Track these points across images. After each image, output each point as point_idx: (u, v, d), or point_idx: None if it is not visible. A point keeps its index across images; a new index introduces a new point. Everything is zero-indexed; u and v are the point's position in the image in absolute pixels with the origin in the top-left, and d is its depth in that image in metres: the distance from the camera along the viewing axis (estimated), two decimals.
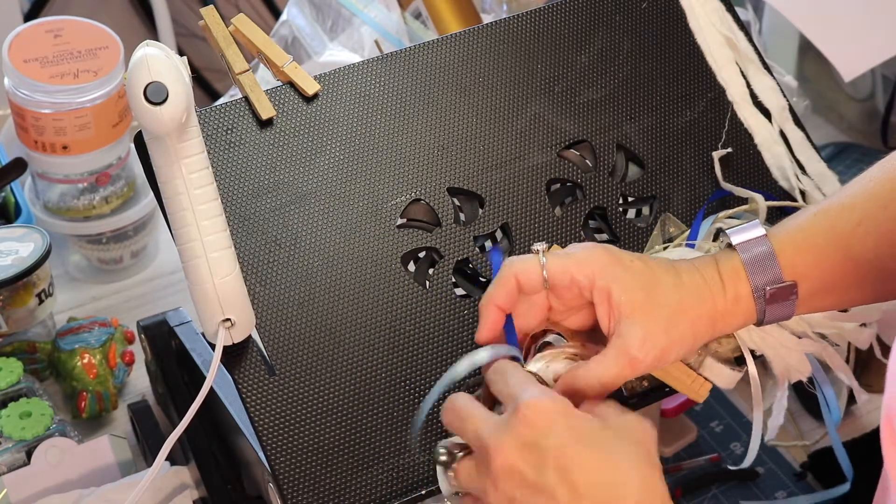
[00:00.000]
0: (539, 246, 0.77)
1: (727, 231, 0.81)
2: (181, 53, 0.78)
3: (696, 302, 0.78)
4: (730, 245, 0.80)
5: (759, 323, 0.80)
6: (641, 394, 0.86)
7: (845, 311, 0.89)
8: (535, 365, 0.77)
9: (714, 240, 0.90)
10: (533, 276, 0.77)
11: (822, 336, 0.89)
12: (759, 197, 0.93)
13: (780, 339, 0.86)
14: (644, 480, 0.69)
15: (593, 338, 0.80)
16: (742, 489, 1.03)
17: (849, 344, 1.07)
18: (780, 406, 0.90)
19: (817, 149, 0.99)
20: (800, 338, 0.87)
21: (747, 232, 0.80)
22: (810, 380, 0.89)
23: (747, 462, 0.90)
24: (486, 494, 0.71)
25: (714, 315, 0.78)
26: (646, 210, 0.94)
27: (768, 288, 0.78)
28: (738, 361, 0.86)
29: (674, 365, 0.83)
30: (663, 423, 1.05)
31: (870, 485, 1.00)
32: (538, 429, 0.69)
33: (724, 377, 0.85)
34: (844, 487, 0.95)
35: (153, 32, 2.39)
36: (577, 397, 0.74)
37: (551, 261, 0.77)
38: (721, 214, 0.91)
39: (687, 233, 0.91)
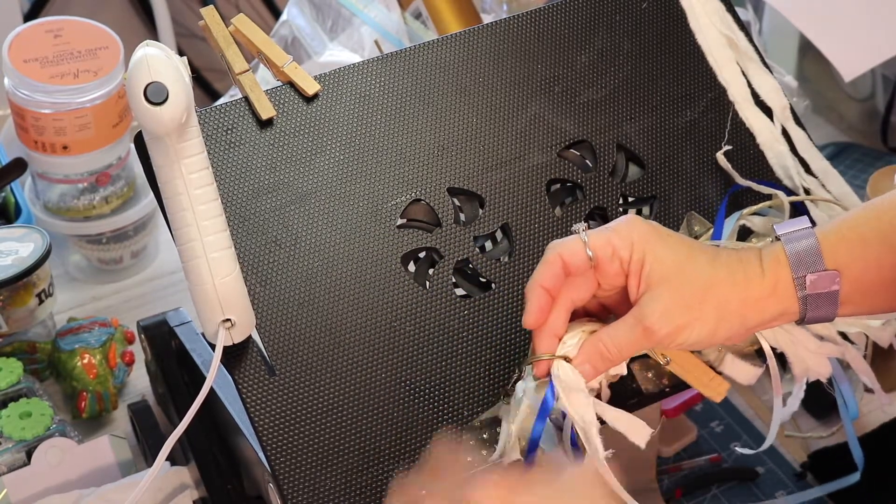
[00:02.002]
0: (580, 226, 0.78)
1: (774, 225, 0.80)
2: (181, 53, 0.78)
3: (727, 283, 0.77)
4: (776, 238, 0.79)
5: (801, 319, 0.79)
6: (656, 394, 0.86)
7: None
8: (568, 342, 0.78)
9: (739, 238, 0.90)
10: (577, 255, 0.77)
11: (843, 335, 0.88)
12: (780, 193, 0.92)
13: (803, 340, 0.85)
14: None
15: None
16: (742, 489, 1.03)
17: (866, 341, 1.07)
18: (797, 398, 0.89)
19: (819, 148, 0.99)
20: (822, 339, 0.87)
21: (793, 224, 0.79)
22: (829, 380, 0.89)
23: (766, 445, 0.90)
24: None
25: (745, 300, 0.77)
26: (646, 210, 0.94)
27: (809, 275, 0.77)
28: (758, 354, 0.86)
29: (692, 362, 0.83)
30: (663, 423, 1.05)
31: (871, 483, 1.00)
32: None
33: (745, 373, 0.84)
34: (855, 477, 0.95)
35: (153, 32, 2.39)
36: (600, 363, 0.76)
37: (593, 236, 0.77)
38: (745, 211, 0.91)
39: (711, 230, 0.91)
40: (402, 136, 0.92)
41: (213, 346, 0.80)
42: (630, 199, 0.94)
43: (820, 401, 1.06)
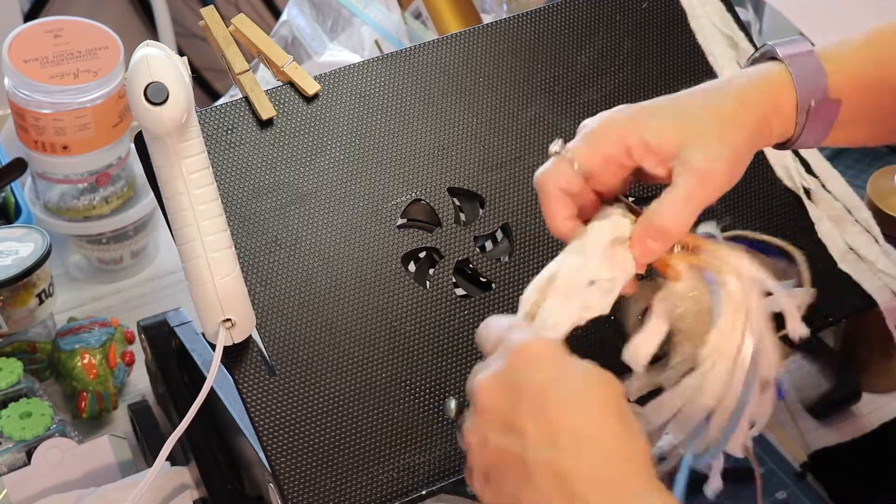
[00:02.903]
0: (555, 146, 0.74)
1: (772, 43, 0.78)
2: (181, 53, 0.78)
3: (733, 108, 0.74)
4: (772, 59, 0.77)
5: (792, 141, 0.77)
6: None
7: None
8: (603, 223, 0.74)
9: None
10: (566, 176, 0.74)
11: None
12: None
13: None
14: (617, 433, 0.65)
15: None
16: (742, 489, 1.03)
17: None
18: None
19: (819, 148, 0.99)
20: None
21: (795, 45, 0.77)
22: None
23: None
24: (466, 442, 0.68)
25: (757, 118, 0.74)
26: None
27: (813, 102, 0.75)
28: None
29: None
30: None
31: (870, 485, 1.00)
32: (522, 369, 0.66)
33: None
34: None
35: (153, 32, 2.39)
36: (658, 241, 0.72)
37: (576, 151, 0.73)
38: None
39: None
40: (403, 136, 0.92)
41: (213, 346, 0.80)
42: (630, 199, 0.94)
43: (820, 401, 1.06)
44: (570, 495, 0.63)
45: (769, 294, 0.74)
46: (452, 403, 0.73)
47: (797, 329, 0.75)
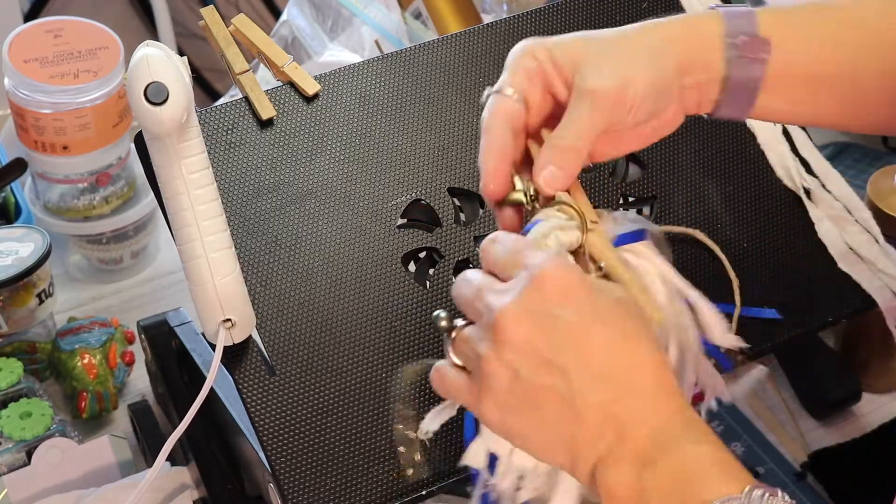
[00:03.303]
0: (486, 92, 0.75)
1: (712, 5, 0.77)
2: (181, 53, 0.78)
3: (648, 30, 0.74)
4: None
5: (722, 87, 0.75)
6: None
7: None
8: (543, 226, 0.71)
9: None
10: (508, 107, 0.73)
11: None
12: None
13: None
14: (658, 367, 0.66)
15: None
16: None
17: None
18: None
19: (819, 148, 0.99)
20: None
21: (733, 6, 0.76)
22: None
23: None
24: (482, 367, 0.66)
25: (677, 39, 0.74)
26: (646, 210, 0.94)
27: (741, 36, 0.74)
28: None
29: (635, 283, 0.73)
30: None
31: (870, 485, 1.00)
32: (555, 300, 0.64)
33: None
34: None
35: (153, 32, 2.39)
36: (563, 158, 0.71)
37: (503, 81, 0.73)
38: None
39: None
40: (403, 136, 0.92)
41: (213, 346, 0.80)
42: (630, 199, 0.94)
43: (820, 401, 1.06)
44: (622, 433, 0.64)
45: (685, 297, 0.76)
46: (443, 314, 0.69)
47: (725, 338, 0.77)
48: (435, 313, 0.70)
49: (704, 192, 0.95)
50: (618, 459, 0.64)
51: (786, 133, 0.99)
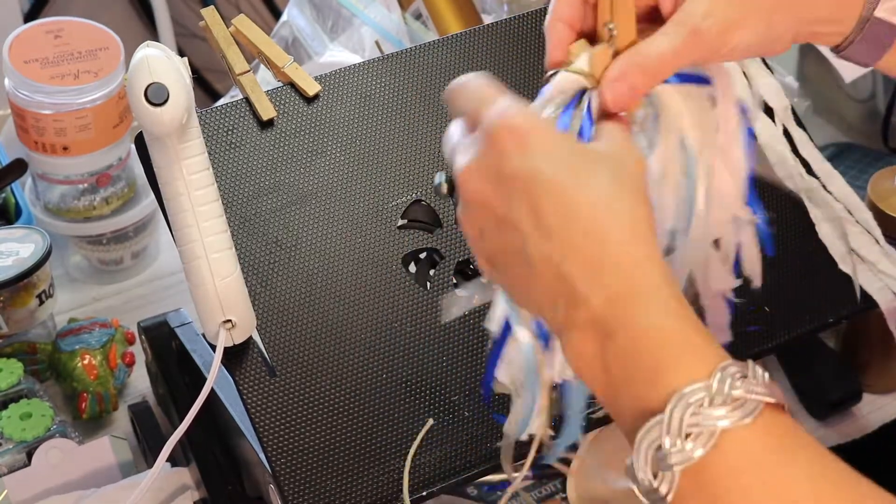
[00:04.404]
0: None
1: None
2: (181, 54, 0.78)
3: None
4: None
5: (848, 41, 0.71)
6: None
7: None
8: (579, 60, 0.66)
9: None
10: (573, 4, 0.67)
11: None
12: None
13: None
14: (632, 219, 0.59)
15: None
16: None
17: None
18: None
19: (819, 149, 0.99)
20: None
21: None
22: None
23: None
24: (465, 232, 0.63)
25: None
26: None
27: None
28: None
29: None
30: None
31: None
32: (505, 152, 0.60)
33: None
34: None
35: (153, 33, 2.39)
36: (639, 77, 0.64)
37: None
38: None
39: None
40: (403, 136, 0.92)
41: (213, 347, 0.80)
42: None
43: (820, 401, 1.06)
44: (574, 297, 0.59)
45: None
46: (443, 178, 0.65)
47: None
48: (435, 180, 0.67)
49: None
50: (575, 325, 0.59)
51: (786, 133, 0.99)
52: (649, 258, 0.59)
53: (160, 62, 0.73)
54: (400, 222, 0.89)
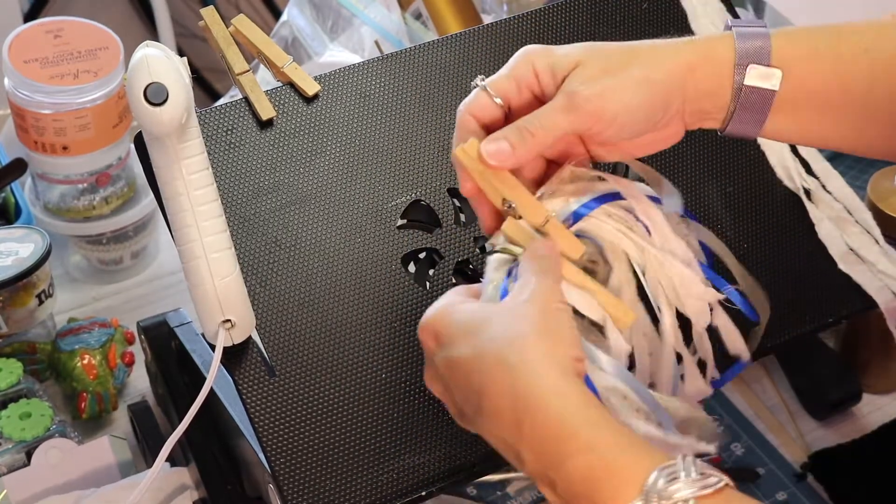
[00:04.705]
0: (478, 79, 0.75)
1: (728, 20, 0.77)
2: (181, 54, 0.78)
3: (651, 50, 0.74)
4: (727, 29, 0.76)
5: (727, 116, 0.75)
6: None
7: None
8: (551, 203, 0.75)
9: None
10: (482, 103, 0.75)
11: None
12: None
13: (688, 283, 0.78)
14: (526, 359, 0.65)
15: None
16: (742, 489, 1.03)
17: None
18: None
19: (819, 149, 0.99)
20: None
21: (748, 21, 0.76)
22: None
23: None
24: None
25: (678, 63, 0.73)
26: None
27: (752, 66, 0.73)
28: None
29: (601, 291, 0.75)
30: None
31: (870, 486, 1.00)
32: (433, 350, 0.70)
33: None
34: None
35: (153, 33, 2.39)
36: (518, 138, 0.72)
37: (495, 82, 0.75)
38: None
39: None
40: (403, 136, 0.92)
41: (213, 347, 0.80)
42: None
43: (820, 401, 1.06)
44: (520, 457, 0.66)
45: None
46: None
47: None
48: None
49: (704, 192, 0.95)
50: (536, 480, 0.65)
51: None
52: (556, 393, 0.64)
53: (160, 62, 0.73)
54: (399, 222, 0.89)
